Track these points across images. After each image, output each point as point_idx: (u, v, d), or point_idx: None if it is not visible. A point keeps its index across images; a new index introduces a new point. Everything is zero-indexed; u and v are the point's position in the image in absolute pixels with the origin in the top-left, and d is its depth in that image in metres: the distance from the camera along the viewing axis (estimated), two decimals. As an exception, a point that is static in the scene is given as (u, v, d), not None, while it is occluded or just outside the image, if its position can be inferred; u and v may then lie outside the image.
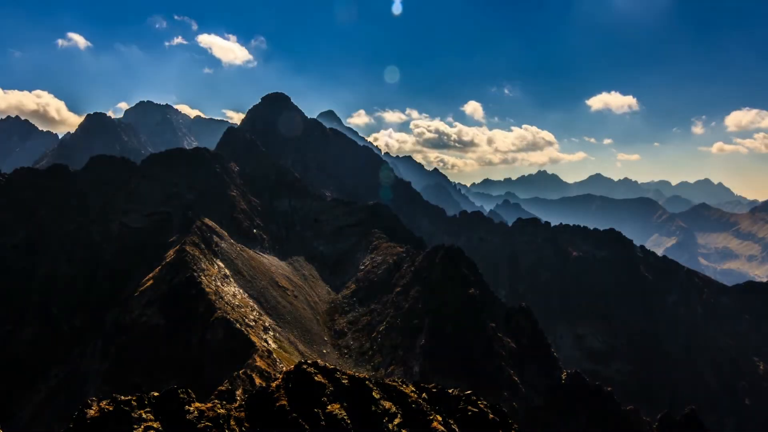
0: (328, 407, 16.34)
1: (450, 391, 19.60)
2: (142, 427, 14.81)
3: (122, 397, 15.48)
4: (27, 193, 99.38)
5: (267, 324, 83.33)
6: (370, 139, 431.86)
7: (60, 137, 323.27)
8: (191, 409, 15.83)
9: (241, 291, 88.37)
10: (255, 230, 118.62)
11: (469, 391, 19.69)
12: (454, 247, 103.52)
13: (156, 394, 16.18)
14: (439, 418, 17.47)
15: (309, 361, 18.25)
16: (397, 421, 16.73)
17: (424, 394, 18.76)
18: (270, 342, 77.18)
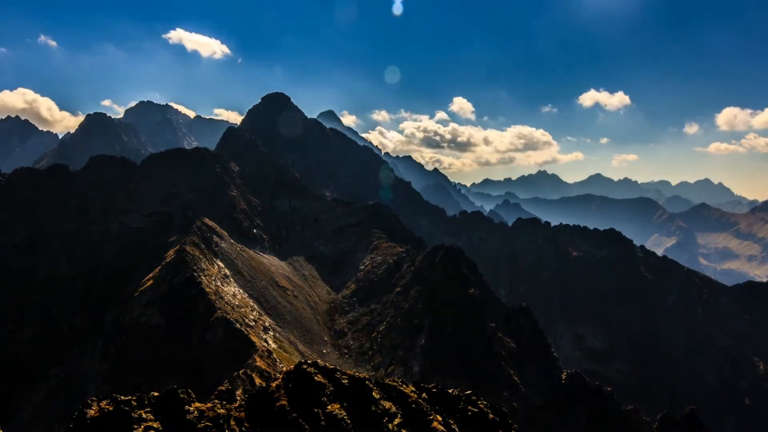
0: (328, 407, 16.34)
1: (450, 391, 19.60)
2: (142, 427, 14.81)
3: (122, 397, 15.48)
4: (27, 193, 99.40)
5: (267, 324, 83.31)
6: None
7: (60, 137, 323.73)
8: (191, 409, 15.82)
9: (241, 291, 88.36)
10: (255, 230, 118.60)
11: (469, 391, 19.69)
12: (454, 247, 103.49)
13: (156, 394, 16.18)
14: (439, 418, 17.46)
15: (309, 361, 18.25)
16: (397, 421, 16.72)
17: (424, 394, 18.76)
18: (270, 342, 77.16)
